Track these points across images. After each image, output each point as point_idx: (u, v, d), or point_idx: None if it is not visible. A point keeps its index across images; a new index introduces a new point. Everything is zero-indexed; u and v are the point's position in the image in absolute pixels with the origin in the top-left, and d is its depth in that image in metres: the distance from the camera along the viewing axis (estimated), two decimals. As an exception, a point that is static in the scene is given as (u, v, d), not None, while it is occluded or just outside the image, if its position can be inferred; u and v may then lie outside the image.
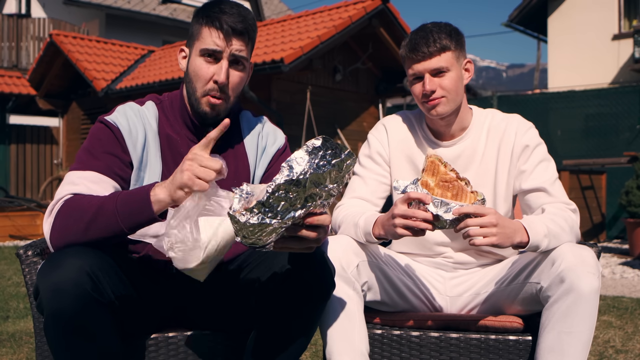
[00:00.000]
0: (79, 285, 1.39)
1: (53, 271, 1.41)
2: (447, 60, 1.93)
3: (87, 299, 1.41)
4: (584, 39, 14.78)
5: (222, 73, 1.69)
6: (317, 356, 2.98)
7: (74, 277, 1.39)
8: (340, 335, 1.78)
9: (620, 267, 6.38)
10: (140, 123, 1.74)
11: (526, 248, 1.76)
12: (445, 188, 1.70)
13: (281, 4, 23.08)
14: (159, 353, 1.73)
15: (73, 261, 1.41)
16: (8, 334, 3.38)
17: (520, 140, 1.99)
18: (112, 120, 1.71)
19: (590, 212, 8.39)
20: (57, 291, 1.39)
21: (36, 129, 12.93)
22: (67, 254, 1.44)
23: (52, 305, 1.40)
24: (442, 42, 1.92)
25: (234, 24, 1.68)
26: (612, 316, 3.91)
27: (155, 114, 1.79)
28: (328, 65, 9.97)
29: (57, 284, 1.39)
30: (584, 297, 1.66)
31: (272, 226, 1.31)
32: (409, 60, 1.96)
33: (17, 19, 15.83)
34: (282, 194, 1.29)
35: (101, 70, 11.43)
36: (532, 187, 1.95)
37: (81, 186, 1.60)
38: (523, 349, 1.83)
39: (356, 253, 1.86)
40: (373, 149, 2.09)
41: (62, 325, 1.42)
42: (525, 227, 1.76)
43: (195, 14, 1.77)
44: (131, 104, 1.79)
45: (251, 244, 1.34)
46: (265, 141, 1.88)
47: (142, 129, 1.73)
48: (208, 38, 1.69)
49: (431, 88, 1.92)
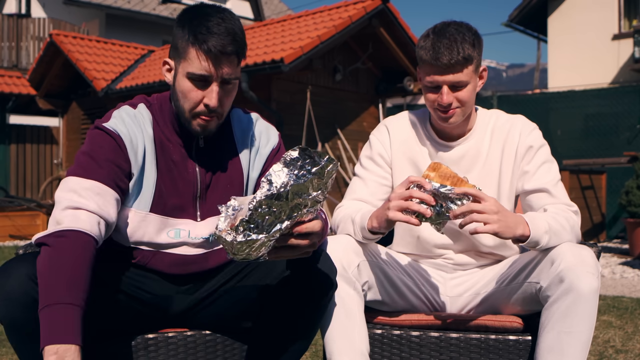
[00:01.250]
0: (26, 294, 1.39)
1: (2, 281, 1.41)
2: (468, 74, 1.88)
3: (36, 305, 1.39)
4: (584, 38, 14.78)
5: (214, 98, 1.60)
6: (317, 356, 2.98)
7: (21, 286, 1.39)
8: (341, 334, 1.77)
9: (620, 267, 6.38)
10: (139, 130, 1.67)
11: (526, 243, 1.75)
12: (445, 179, 1.70)
13: (281, 4, 23.08)
14: (159, 353, 1.73)
15: (19, 270, 1.42)
16: (8, 334, 3.38)
17: (525, 141, 1.99)
18: (113, 128, 1.63)
19: (590, 212, 8.39)
20: (7, 300, 1.40)
21: (36, 129, 12.92)
22: (15, 263, 1.44)
23: (5, 315, 1.41)
24: (466, 53, 1.85)
25: (222, 47, 1.56)
26: (612, 316, 3.91)
27: (149, 118, 1.71)
28: (328, 65, 9.97)
29: (7, 294, 1.40)
30: (583, 297, 1.66)
31: (259, 241, 1.31)
32: (429, 67, 1.89)
33: (17, 19, 15.83)
34: (265, 209, 1.30)
35: (101, 70, 11.43)
36: (534, 188, 1.95)
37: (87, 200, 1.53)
38: (523, 348, 1.83)
39: (357, 253, 1.86)
40: (374, 151, 2.08)
41: (19, 333, 1.43)
42: (527, 221, 1.75)
43: (179, 23, 1.63)
44: (126, 108, 1.70)
45: (243, 259, 1.35)
46: (258, 142, 1.82)
47: (141, 136, 1.66)
48: (195, 61, 1.57)
49: (448, 101, 1.88)
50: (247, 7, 20.57)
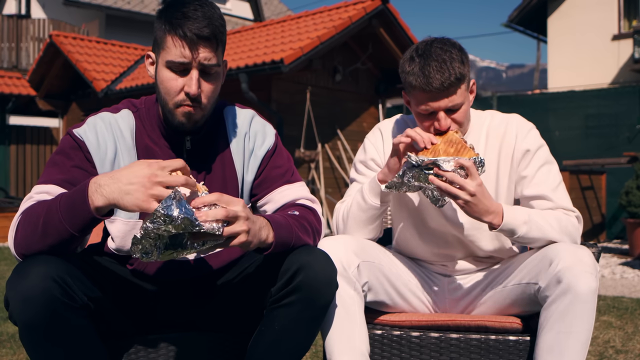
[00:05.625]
0: (46, 292, 1.37)
1: (20, 281, 1.39)
2: (462, 94, 1.82)
3: (56, 304, 1.38)
4: (583, 39, 14.78)
5: (193, 85, 1.57)
6: (316, 356, 2.98)
7: (41, 285, 1.37)
8: (341, 335, 1.77)
9: (620, 267, 6.38)
10: (111, 136, 1.65)
11: (498, 230, 1.77)
12: (449, 144, 1.76)
13: (281, 5, 23.09)
14: (159, 354, 1.73)
15: (38, 269, 1.39)
16: (8, 335, 3.38)
17: (521, 145, 1.95)
18: (79, 134, 1.63)
19: (590, 213, 8.39)
20: (26, 301, 1.37)
21: (36, 130, 12.92)
22: (32, 263, 1.41)
23: (24, 315, 1.38)
24: (458, 73, 1.77)
25: (198, 31, 1.54)
26: (612, 316, 3.91)
27: (130, 123, 1.69)
28: (328, 66, 9.97)
29: (25, 294, 1.37)
30: (581, 297, 1.66)
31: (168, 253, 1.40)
32: (421, 95, 1.80)
33: (17, 20, 15.83)
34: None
35: (101, 70, 11.43)
36: (533, 195, 1.93)
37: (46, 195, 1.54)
38: (523, 349, 1.83)
39: (357, 253, 1.85)
40: (368, 155, 2.06)
41: (36, 334, 1.40)
42: (504, 211, 1.78)
43: (158, 15, 1.63)
44: (104, 114, 1.69)
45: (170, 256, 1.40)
46: (252, 143, 1.78)
47: (112, 142, 1.65)
48: (172, 49, 1.56)
49: (446, 126, 1.82)
50: (247, 8, 20.58)
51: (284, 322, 1.59)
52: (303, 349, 1.67)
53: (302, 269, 1.55)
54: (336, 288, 1.65)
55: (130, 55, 12.54)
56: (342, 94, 10.30)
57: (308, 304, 1.57)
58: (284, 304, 1.58)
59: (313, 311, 1.59)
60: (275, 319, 1.60)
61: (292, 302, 1.56)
